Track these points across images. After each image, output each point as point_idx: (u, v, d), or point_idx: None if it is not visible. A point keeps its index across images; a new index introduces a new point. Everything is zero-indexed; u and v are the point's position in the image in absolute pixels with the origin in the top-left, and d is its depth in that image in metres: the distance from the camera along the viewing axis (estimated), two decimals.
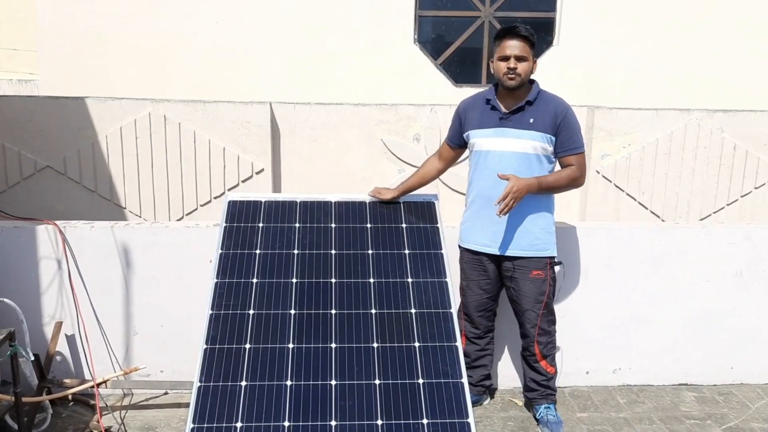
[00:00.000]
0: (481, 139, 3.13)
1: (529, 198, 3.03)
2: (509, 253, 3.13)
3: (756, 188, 5.69)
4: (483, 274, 3.25)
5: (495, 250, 3.15)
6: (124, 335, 3.49)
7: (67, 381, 3.35)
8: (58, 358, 3.47)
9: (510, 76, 3.00)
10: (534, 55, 3.05)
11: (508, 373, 3.68)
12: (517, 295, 3.19)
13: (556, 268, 3.26)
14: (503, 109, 3.08)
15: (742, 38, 6.86)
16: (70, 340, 3.47)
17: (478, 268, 3.26)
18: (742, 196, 5.70)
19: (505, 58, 3.00)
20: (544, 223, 3.12)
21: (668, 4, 6.81)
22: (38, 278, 3.40)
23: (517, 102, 3.06)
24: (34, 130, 5.11)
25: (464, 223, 3.30)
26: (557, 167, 3.15)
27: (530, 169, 3.03)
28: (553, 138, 3.04)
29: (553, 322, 3.27)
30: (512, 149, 3.04)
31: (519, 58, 2.98)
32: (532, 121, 3.03)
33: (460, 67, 7.16)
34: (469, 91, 6.04)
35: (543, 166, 3.07)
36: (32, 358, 3.11)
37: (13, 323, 3.19)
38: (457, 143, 3.30)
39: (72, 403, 3.39)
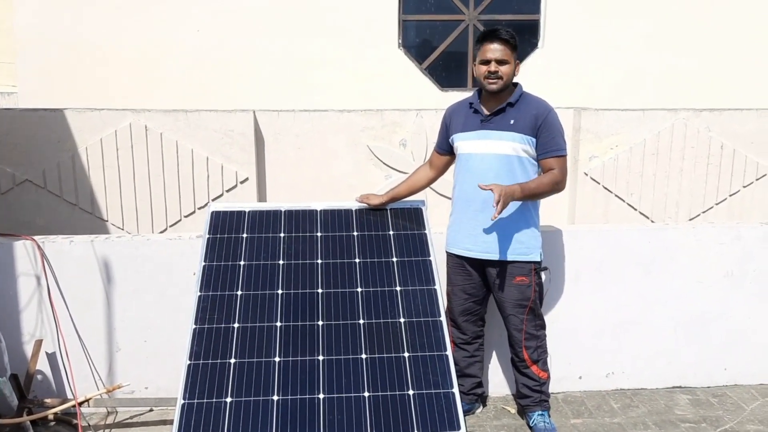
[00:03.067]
0: (463, 142, 3.10)
1: (514, 203, 2.99)
2: (492, 257, 3.08)
3: (744, 187, 5.69)
4: (467, 278, 3.20)
5: (477, 254, 3.11)
6: (107, 352, 3.40)
7: (48, 400, 3.26)
8: (38, 376, 3.37)
9: (491, 80, 2.97)
10: (516, 57, 3.01)
11: (500, 381, 3.63)
12: (501, 301, 3.15)
13: (542, 274, 3.21)
14: (485, 112, 3.06)
15: (727, 37, 6.88)
16: (51, 358, 3.37)
17: (462, 273, 3.21)
18: (730, 195, 5.70)
19: (486, 62, 2.97)
20: (528, 228, 3.07)
21: (652, 4, 6.82)
22: (17, 295, 3.31)
23: (499, 104, 3.03)
24: (12, 143, 5.02)
25: (449, 227, 3.25)
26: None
27: (512, 172, 2.98)
28: (534, 139, 3.00)
29: (542, 326, 3.22)
30: (493, 151, 3.01)
31: (500, 62, 2.95)
32: (512, 122, 2.99)
33: (446, 71, 7.13)
34: (454, 95, 6.02)
35: (525, 169, 3.02)
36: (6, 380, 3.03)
37: None
38: (445, 149, 3.26)
39: (54, 423, 3.29)
